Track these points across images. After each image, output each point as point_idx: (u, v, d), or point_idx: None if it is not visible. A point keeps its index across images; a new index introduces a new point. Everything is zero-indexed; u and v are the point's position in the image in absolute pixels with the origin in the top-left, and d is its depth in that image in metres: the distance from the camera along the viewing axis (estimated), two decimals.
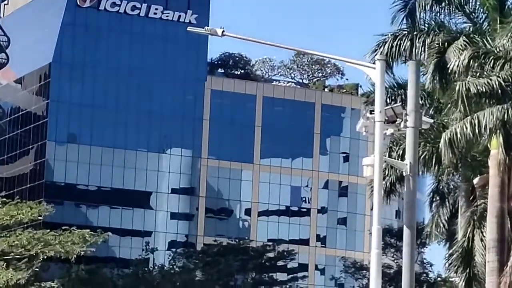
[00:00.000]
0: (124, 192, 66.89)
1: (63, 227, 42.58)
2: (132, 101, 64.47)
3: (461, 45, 18.18)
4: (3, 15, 70.86)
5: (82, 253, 39.80)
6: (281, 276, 58.74)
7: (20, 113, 72.36)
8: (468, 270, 21.79)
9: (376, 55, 16.12)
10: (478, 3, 21.04)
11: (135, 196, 67.60)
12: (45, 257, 39.66)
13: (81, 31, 71.10)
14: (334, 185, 71.95)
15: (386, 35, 18.65)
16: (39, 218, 44.54)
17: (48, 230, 41.39)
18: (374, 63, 11.66)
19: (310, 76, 71.00)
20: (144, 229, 67.63)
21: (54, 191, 67.86)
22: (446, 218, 24.04)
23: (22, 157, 71.12)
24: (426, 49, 18.97)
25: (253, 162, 68.78)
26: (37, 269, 39.24)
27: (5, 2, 74.54)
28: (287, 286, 60.26)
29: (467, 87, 16.68)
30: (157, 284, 47.71)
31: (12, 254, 38.10)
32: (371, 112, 10.16)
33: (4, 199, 47.43)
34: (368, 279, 19.01)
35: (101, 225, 58.96)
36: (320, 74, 70.04)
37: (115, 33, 69.27)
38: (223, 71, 69.26)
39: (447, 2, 20.38)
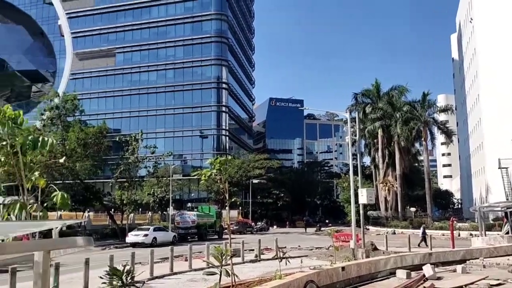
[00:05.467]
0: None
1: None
2: None
3: (368, 106, 60.70)
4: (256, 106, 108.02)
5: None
6: None
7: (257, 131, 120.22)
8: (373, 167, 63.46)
9: (347, 109, 54.43)
10: (370, 93, 67.28)
11: None
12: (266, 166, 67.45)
13: (271, 113, 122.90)
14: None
15: (348, 105, 63.96)
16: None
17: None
18: (346, 112, 36.95)
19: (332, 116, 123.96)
20: None
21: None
22: (368, 150, 68.45)
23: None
24: (360, 108, 60.55)
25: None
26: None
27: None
28: None
29: (369, 117, 61.45)
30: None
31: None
32: (346, 126, 32.85)
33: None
34: None
35: None
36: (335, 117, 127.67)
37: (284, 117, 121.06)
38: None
39: (364, 94, 66.14)
